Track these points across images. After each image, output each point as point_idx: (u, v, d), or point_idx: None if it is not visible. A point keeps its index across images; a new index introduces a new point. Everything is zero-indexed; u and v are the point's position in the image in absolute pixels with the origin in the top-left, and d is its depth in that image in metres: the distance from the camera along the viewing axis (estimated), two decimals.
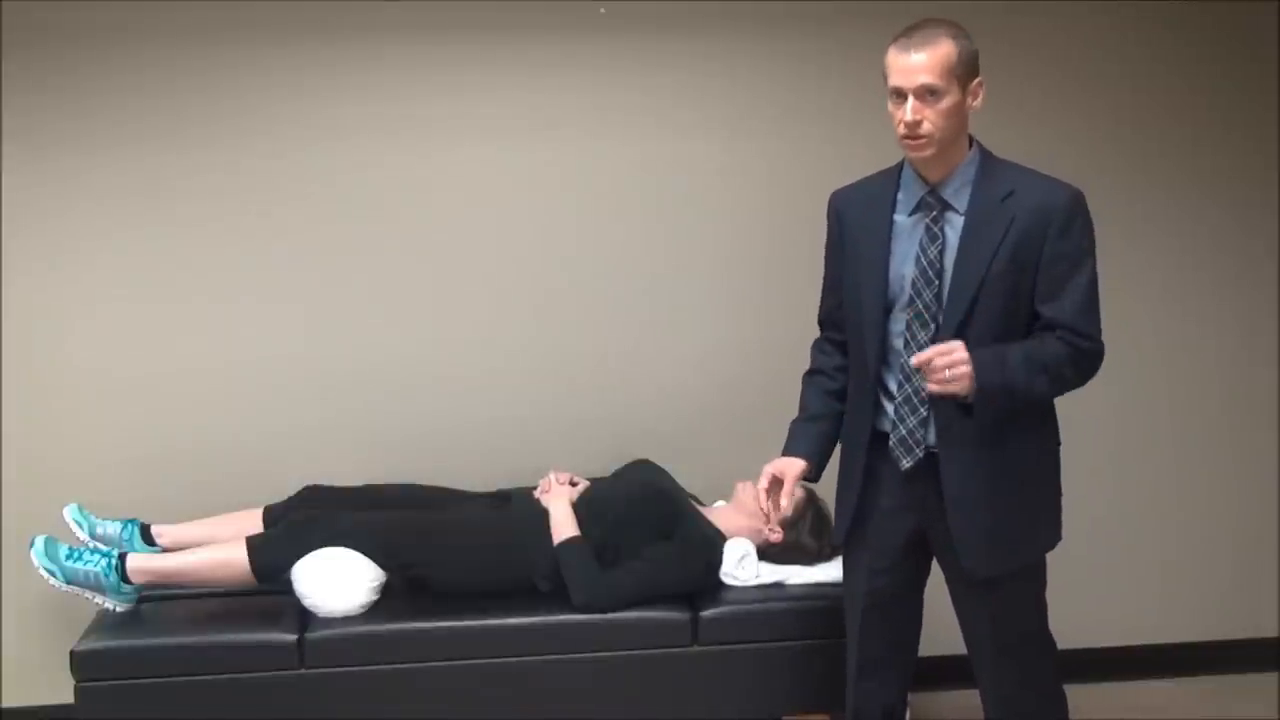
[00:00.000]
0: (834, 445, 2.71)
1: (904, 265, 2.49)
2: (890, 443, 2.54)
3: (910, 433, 2.51)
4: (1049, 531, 2.61)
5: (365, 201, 3.48)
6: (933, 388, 2.38)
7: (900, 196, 2.53)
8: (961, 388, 2.35)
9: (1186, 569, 3.82)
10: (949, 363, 2.34)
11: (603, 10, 3.48)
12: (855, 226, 2.60)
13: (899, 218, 2.52)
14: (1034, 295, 2.43)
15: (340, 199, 3.47)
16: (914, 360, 2.39)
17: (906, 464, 2.52)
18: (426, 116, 3.47)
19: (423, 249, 3.51)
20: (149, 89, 3.37)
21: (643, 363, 3.60)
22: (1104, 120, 3.64)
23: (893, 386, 2.54)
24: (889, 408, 2.54)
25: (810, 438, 2.69)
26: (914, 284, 2.47)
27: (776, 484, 2.62)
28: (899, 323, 2.51)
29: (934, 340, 2.44)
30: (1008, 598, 2.57)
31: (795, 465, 2.62)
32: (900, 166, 2.56)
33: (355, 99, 3.44)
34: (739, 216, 3.59)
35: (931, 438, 2.49)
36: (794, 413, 2.77)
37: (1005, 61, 3.57)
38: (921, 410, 2.49)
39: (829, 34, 3.53)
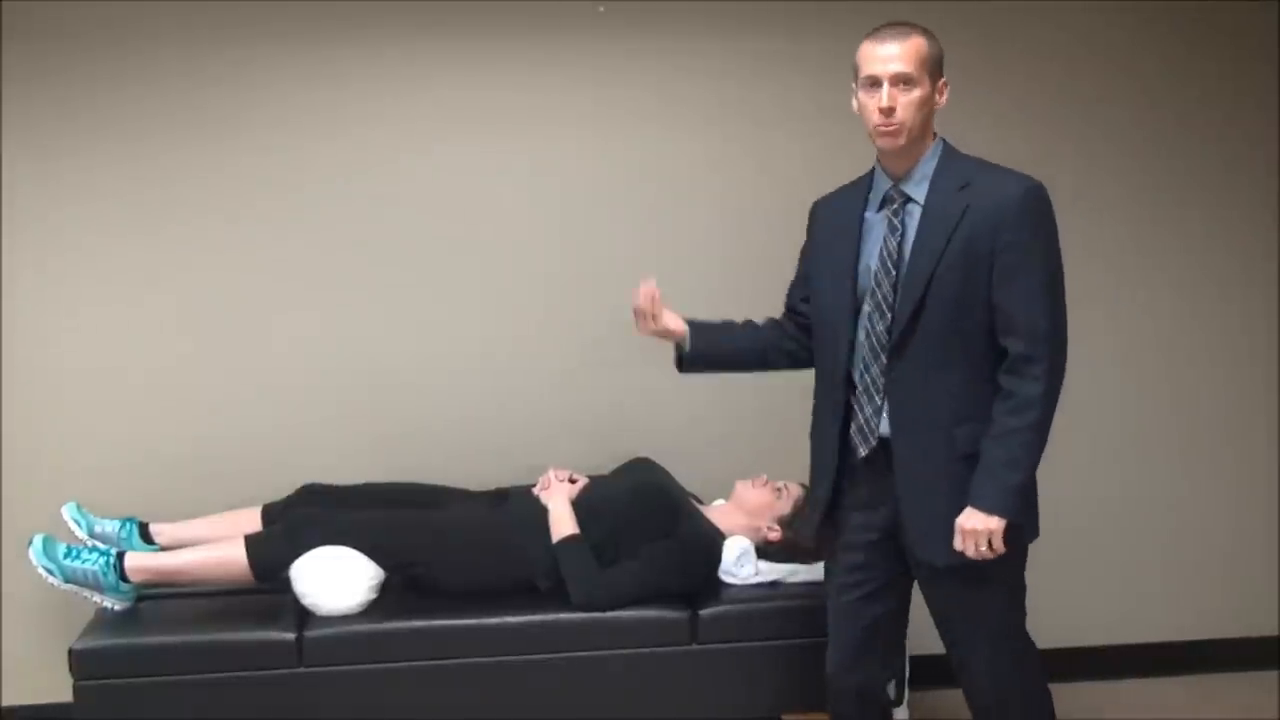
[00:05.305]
0: (721, 344, 2.86)
1: (870, 259, 2.56)
2: (850, 431, 2.58)
3: (866, 421, 2.54)
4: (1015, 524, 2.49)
5: (363, 201, 3.48)
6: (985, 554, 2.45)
7: (871, 195, 2.61)
8: (998, 541, 2.43)
9: (1186, 569, 3.82)
10: (981, 550, 2.43)
11: (602, 10, 3.48)
12: (828, 229, 2.68)
13: (869, 215, 2.60)
14: (990, 284, 2.44)
15: (339, 199, 3.47)
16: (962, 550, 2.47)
17: (863, 452, 2.55)
18: (424, 116, 3.48)
19: (422, 248, 3.51)
20: (150, 88, 3.38)
21: (643, 362, 3.59)
22: (1104, 120, 3.64)
23: (855, 377, 2.57)
24: (851, 399, 2.58)
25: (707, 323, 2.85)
26: (875, 276, 2.53)
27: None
28: (863, 315, 2.56)
29: (890, 330, 2.49)
30: (972, 591, 2.53)
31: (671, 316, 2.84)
32: (873, 169, 2.63)
33: (353, 98, 3.45)
34: (739, 214, 3.59)
35: (885, 426, 2.52)
36: (794, 414, 2.79)
37: (1003, 61, 3.58)
38: (876, 399, 2.53)
39: (829, 34, 3.52)
